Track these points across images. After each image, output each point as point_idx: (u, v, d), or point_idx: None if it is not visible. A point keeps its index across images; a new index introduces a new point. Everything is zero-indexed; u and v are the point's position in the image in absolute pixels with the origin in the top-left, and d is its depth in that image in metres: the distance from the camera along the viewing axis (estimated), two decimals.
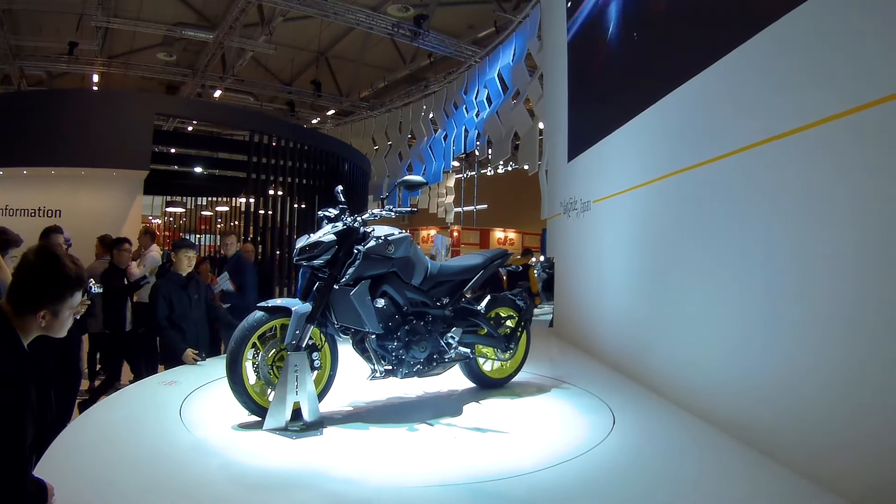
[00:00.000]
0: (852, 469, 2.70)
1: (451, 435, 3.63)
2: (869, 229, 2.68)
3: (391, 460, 3.22)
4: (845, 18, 2.90)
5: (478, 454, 3.33)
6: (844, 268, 2.83)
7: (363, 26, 14.58)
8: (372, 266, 3.97)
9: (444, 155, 17.20)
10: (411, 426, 3.77)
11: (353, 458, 3.21)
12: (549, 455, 3.26)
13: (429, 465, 3.17)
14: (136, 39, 16.67)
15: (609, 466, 3.15)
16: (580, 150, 7.36)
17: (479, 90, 15.02)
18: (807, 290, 3.11)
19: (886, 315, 2.57)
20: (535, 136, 12.43)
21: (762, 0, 3.65)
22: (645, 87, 5.31)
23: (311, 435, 3.51)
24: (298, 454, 3.24)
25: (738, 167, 3.75)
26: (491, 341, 4.62)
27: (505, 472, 3.03)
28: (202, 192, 18.70)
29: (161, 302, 5.11)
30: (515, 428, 3.80)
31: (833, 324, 2.90)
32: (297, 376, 3.57)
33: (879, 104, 2.59)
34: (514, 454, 3.33)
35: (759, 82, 3.60)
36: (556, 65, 8.94)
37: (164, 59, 17.79)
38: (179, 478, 2.83)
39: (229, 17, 14.35)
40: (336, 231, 3.92)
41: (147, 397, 4.17)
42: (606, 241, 6.29)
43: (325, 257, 3.87)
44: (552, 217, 9.30)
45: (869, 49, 2.72)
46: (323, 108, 22.38)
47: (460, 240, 22.75)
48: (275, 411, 3.57)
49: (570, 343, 7.25)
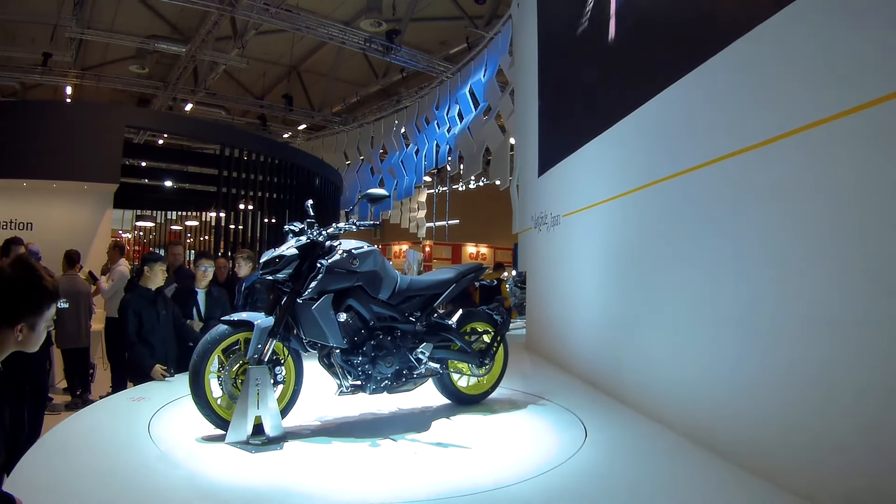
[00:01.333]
0: (825, 478, 2.72)
1: (413, 450, 3.59)
2: (841, 239, 2.72)
3: (353, 476, 3.17)
4: (816, 30, 2.96)
5: (443, 470, 3.29)
6: (815, 278, 2.87)
7: (336, 41, 14.59)
8: (335, 280, 3.93)
9: (415, 170, 17.23)
10: (374, 441, 3.72)
11: (314, 474, 3.17)
12: (519, 470, 3.22)
13: (391, 481, 3.12)
14: (109, 51, 16.55)
15: (579, 481, 3.11)
16: (550, 164, 7.41)
17: (451, 105, 15.08)
18: (775, 302, 3.15)
19: (857, 323, 2.61)
20: (507, 151, 12.50)
21: (736, 11, 3.73)
22: (612, 103, 5.37)
23: (271, 449, 3.48)
24: (264, 469, 3.20)
25: (705, 180, 3.79)
26: (464, 357, 4.56)
27: (471, 487, 2.98)
28: (172, 206, 18.50)
29: (130, 317, 5.05)
30: (484, 443, 3.75)
31: (802, 334, 2.93)
32: (258, 390, 3.55)
33: (852, 113, 2.65)
34: (481, 470, 3.28)
35: (724, 97, 3.67)
36: (526, 80, 9.01)
37: (137, 72, 17.65)
38: (146, 491, 2.82)
39: (202, 30, 14.28)
40: (299, 245, 3.90)
41: (115, 413, 4.13)
42: (577, 255, 6.32)
43: (288, 271, 3.86)
44: (523, 231, 9.34)
45: (840, 61, 2.78)
46: (295, 123, 22.33)
47: (432, 255, 22.74)
48: (236, 425, 3.54)
49: (543, 357, 7.26)
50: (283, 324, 3.80)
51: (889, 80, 2.43)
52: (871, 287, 2.54)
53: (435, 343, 4.34)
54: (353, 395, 4.07)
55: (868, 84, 2.55)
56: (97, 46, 15.90)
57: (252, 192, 13.86)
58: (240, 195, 13.55)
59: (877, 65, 2.54)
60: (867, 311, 2.55)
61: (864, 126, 2.55)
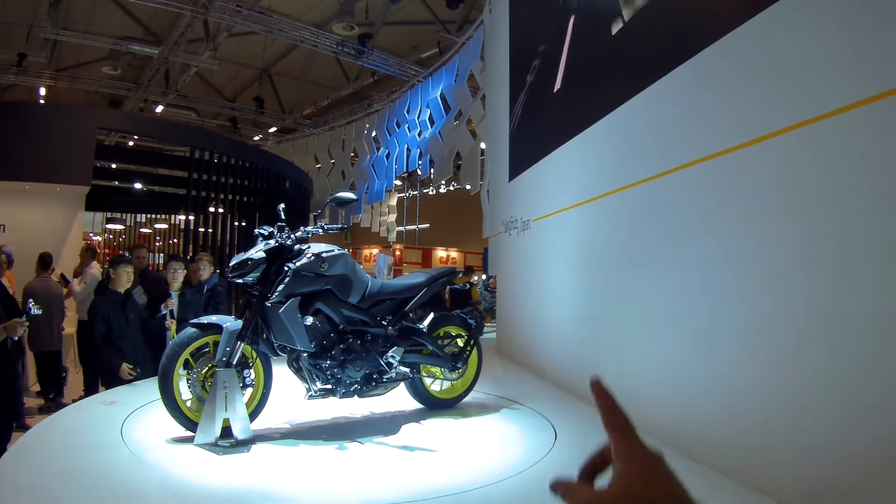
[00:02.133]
0: (790, 475, 2.77)
1: (379, 453, 3.60)
2: (803, 244, 2.81)
3: (321, 479, 3.18)
4: (785, 39, 3.05)
5: (412, 473, 3.30)
6: (778, 281, 2.95)
7: (307, 44, 14.53)
8: (303, 283, 3.93)
9: (386, 174, 17.20)
10: (343, 445, 3.72)
11: (283, 476, 3.17)
12: (487, 473, 3.25)
13: (360, 483, 3.13)
14: (83, 53, 16.34)
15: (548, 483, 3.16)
16: (521, 169, 7.47)
17: (422, 109, 15.11)
18: (739, 301, 3.23)
19: (817, 323, 2.69)
20: (477, 156, 12.56)
21: (710, 14, 3.81)
22: (582, 109, 5.44)
23: (239, 452, 3.48)
24: (233, 471, 3.20)
25: (673, 184, 3.87)
26: (436, 361, 4.55)
27: (438, 490, 3.00)
28: (142, 208, 18.29)
29: (99, 320, 5.03)
30: (454, 446, 3.78)
31: (764, 334, 3.02)
32: (226, 393, 3.56)
33: (812, 123, 2.73)
34: (450, 473, 3.30)
35: (690, 105, 3.75)
36: (498, 86, 9.07)
37: (109, 73, 17.45)
38: (119, 494, 2.82)
39: (175, 32, 14.15)
40: (267, 248, 3.91)
41: (88, 417, 4.11)
42: (547, 259, 6.38)
43: (255, 274, 3.86)
44: (493, 236, 9.39)
45: (804, 70, 2.87)
46: (265, 125, 22.15)
47: (403, 259, 22.72)
48: (204, 427, 3.55)
49: (513, 361, 7.31)
50: (252, 327, 3.80)
51: (849, 90, 2.52)
52: (834, 289, 2.62)
53: (406, 347, 4.35)
54: (323, 398, 4.06)
55: (831, 93, 2.64)
56: (72, 48, 15.68)
57: (222, 196, 13.74)
58: (209, 198, 13.43)
59: (840, 74, 2.62)
60: (832, 312, 2.62)
61: (826, 133, 2.64)
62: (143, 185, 15.65)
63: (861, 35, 2.53)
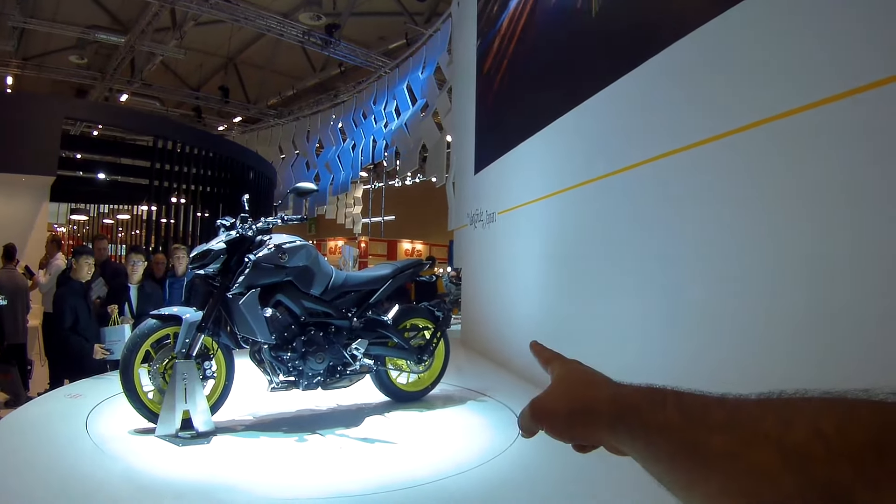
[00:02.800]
0: None
1: (338, 445, 3.60)
2: (764, 240, 2.88)
3: (284, 471, 3.18)
4: (750, 37, 3.11)
5: (372, 465, 3.30)
6: (738, 276, 3.02)
7: (274, 33, 14.37)
8: (263, 275, 3.92)
9: (351, 165, 17.10)
10: (301, 437, 3.73)
11: (245, 468, 3.17)
12: (449, 465, 3.27)
13: (324, 476, 3.13)
14: (50, 41, 16.01)
15: (513, 472, 3.19)
16: (486, 162, 7.50)
17: (388, 101, 15.05)
18: (698, 293, 3.30)
19: (772, 317, 2.77)
20: (443, 149, 12.56)
21: (678, 10, 3.86)
22: (546, 104, 5.48)
23: (199, 443, 3.48)
24: (197, 463, 3.19)
25: (634, 180, 3.93)
26: (402, 353, 4.54)
27: (399, 483, 3.01)
28: (106, 199, 17.94)
29: (67, 310, 5.03)
30: (417, 438, 3.79)
31: (723, 328, 3.09)
32: (185, 385, 3.56)
33: (773, 121, 2.79)
34: (411, 465, 3.31)
35: (651, 102, 3.81)
36: (464, 79, 9.08)
37: (76, 62, 17.14)
38: (83, 486, 2.82)
39: (142, 20, 13.97)
40: (228, 239, 3.90)
41: (53, 410, 4.08)
42: (511, 252, 6.43)
43: (216, 265, 3.86)
44: (459, 228, 9.42)
45: (763, 69, 2.93)
46: (230, 115, 21.85)
47: (368, 251, 22.63)
48: (165, 418, 3.55)
49: (478, 353, 7.34)
50: (213, 319, 3.79)
51: (808, 89, 2.59)
52: (793, 282, 2.69)
53: (371, 339, 4.33)
54: (286, 390, 4.05)
55: (792, 92, 2.70)
56: (39, 36, 15.40)
57: (185, 186, 13.54)
58: (172, 188, 13.22)
59: (798, 74, 2.69)
60: (792, 304, 2.70)
61: (785, 131, 2.71)
62: (107, 176, 15.34)
63: (826, 35, 2.60)
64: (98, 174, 15.26)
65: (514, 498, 2.95)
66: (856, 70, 2.37)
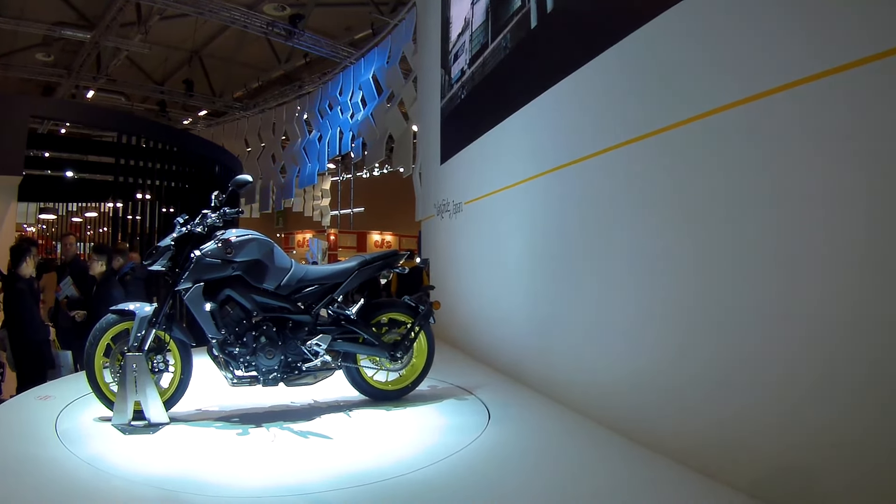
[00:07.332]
0: (741, 459, 2.76)
1: (271, 436, 3.62)
2: (741, 235, 2.88)
3: (248, 465, 3.16)
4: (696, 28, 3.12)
5: (333, 460, 3.25)
6: (716, 272, 3.04)
7: (238, 24, 14.17)
8: (207, 270, 3.91)
9: (318, 157, 16.95)
10: (245, 430, 3.73)
11: (208, 463, 3.17)
12: (414, 459, 3.23)
13: (282, 471, 3.09)
14: (17, 39, 15.68)
15: (481, 462, 3.18)
16: (452, 152, 7.47)
17: (354, 91, 14.93)
18: (666, 288, 3.32)
19: (758, 311, 2.80)
20: (410, 139, 12.51)
21: (624, 8, 3.87)
22: (512, 92, 5.47)
23: (142, 433, 3.61)
24: (167, 458, 3.21)
25: (605, 166, 3.94)
26: (371, 350, 4.33)
27: (361, 478, 2.96)
28: (74, 197, 17.62)
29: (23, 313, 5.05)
30: (381, 433, 3.76)
31: (709, 320, 3.12)
32: (135, 377, 3.70)
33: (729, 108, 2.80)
34: (374, 460, 3.25)
35: (627, 82, 3.81)
36: (430, 68, 9.03)
37: (43, 60, 16.86)
38: (53, 487, 2.82)
39: (108, 16, 13.78)
40: (177, 236, 3.95)
41: (22, 412, 4.08)
42: (478, 242, 6.41)
43: (163, 261, 3.93)
44: (426, 219, 9.39)
45: (722, 53, 2.93)
46: (195, 109, 21.51)
47: (338, 243, 22.51)
48: (119, 409, 3.73)
49: (448, 344, 7.31)
50: (166, 313, 3.88)
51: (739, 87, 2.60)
52: (765, 278, 2.72)
53: (334, 335, 4.21)
54: (249, 386, 4.02)
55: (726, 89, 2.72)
56: (5, 34, 15.05)
57: (150, 181, 13.31)
58: (137, 184, 12.98)
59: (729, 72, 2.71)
60: (772, 301, 2.68)
61: (722, 126, 2.73)
62: (76, 173, 15.05)
63: (754, 34, 2.63)
64: (66, 172, 14.98)
65: (480, 491, 2.93)
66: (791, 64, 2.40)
